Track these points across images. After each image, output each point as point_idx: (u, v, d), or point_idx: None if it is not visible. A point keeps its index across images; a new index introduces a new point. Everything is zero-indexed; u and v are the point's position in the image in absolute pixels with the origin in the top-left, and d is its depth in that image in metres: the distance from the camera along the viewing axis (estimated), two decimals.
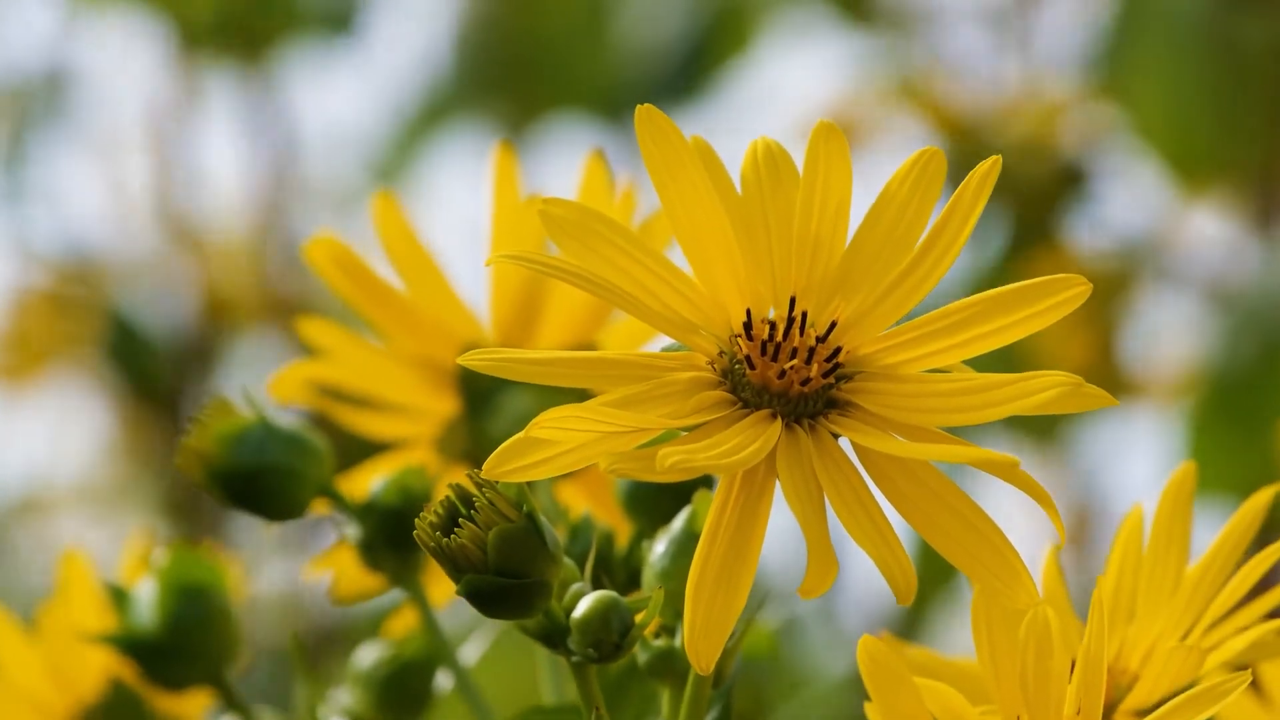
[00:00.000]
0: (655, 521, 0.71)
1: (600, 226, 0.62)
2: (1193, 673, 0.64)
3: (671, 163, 0.63)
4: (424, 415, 0.83)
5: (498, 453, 0.59)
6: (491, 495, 0.62)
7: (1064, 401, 0.59)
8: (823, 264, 0.63)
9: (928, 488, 0.60)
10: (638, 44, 2.09)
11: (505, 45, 2.13)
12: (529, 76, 2.11)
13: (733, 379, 0.61)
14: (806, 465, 0.59)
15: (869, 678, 0.63)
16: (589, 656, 0.64)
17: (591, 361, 0.61)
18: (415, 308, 0.81)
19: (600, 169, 0.80)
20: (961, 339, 0.61)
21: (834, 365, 0.61)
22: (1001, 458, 0.58)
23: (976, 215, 0.62)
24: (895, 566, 0.58)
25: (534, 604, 0.63)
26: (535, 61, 2.10)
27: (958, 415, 0.60)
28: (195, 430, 0.76)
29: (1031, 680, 0.62)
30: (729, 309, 0.62)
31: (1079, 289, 0.61)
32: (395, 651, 0.81)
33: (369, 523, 0.76)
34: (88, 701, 0.89)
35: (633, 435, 0.59)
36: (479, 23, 2.17)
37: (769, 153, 0.64)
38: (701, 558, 0.59)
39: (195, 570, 0.81)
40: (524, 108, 2.12)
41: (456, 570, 0.62)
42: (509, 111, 2.14)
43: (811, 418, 0.61)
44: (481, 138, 2.20)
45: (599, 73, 2.08)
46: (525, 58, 2.11)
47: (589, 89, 2.09)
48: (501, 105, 2.15)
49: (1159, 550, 0.70)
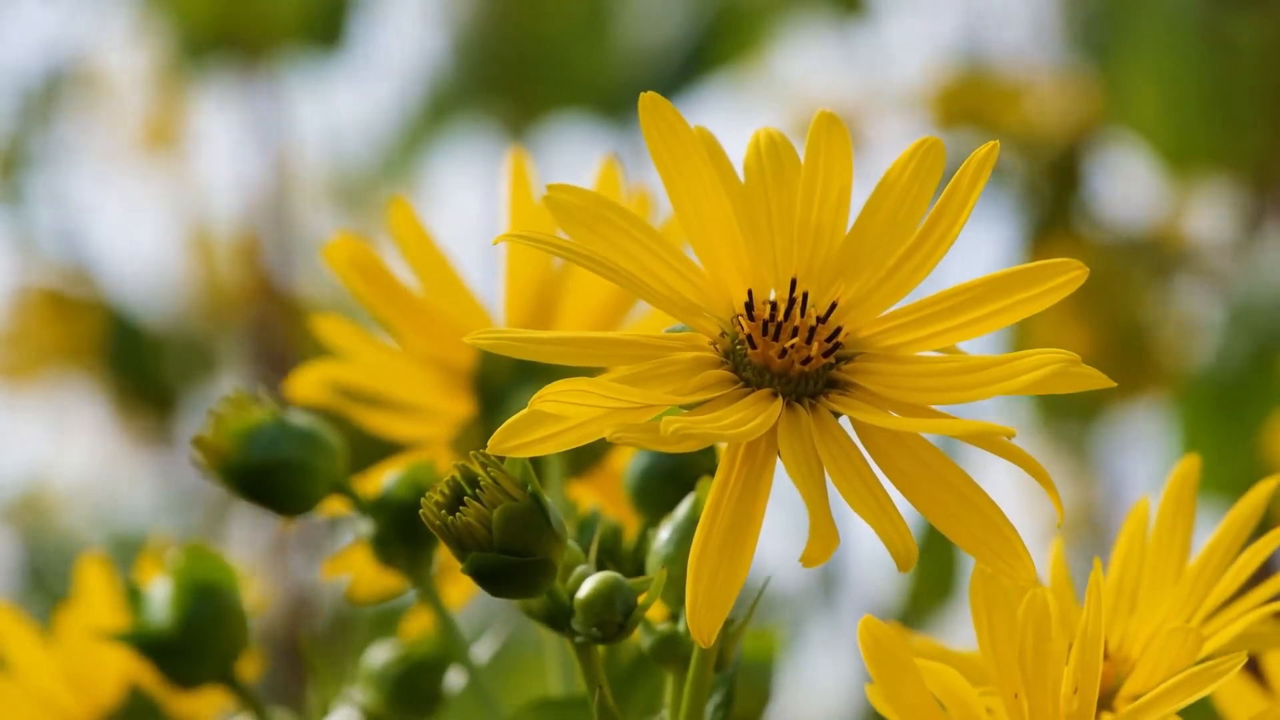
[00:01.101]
0: (662, 514, 0.72)
1: (606, 211, 0.63)
2: (1191, 656, 0.65)
3: (676, 150, 0.64)
4: (439, 416, 0.84)
5: (503, 428, 0.60)
6: (496, 474, 0.63)
7: (1057, 381, 0.60)
8: (824, 250, 0.64)
9: (927, 466, 0.61)
10: (638, 43, 2.10)
11: (506, 45, 2.14)
12: (530, 76, 2.12)
13: (735, 358, 0.62)
14: (807, 440, 0.60)
15: (871, 659, 0.64)
16: (593, 637, 0.64)
17: (597, 341, 0.62)
18: (431, 309, 0.82)
19: (613, 173, 0.81)
20: (959, 321, 0.62)
21: (834, 345, 0.62)
22: (996, 428, 0.58)
23: (974, 199, 0.63)
24: (895, 535, 0.59)
25: (538, 583, 0.64)
26: (536, 61, 2.11)
27: (953, 394, 0.61)
28: (210, 425, 0.77)
29: (1030, 661, 0.62)
30: (731, 292, 0.63)
31: (1075, 273, 0.62)
32: (407, 651, 0.82)
33: (382, 518, 0.77)
34: (105, 706, 0.90)
35: (637, 412, 0.60)
36: (479, 23, 2.17)
37: (771, 142, 0.65)
38: (704, 531, 0.60)
39: (209, 570, 0.82)
40: (525, 108, 2.13)
41: (462, 548, 0.63)
42: (510, 111, 2.15)
43: (812, 397, 0.62)
44: (483, 138, 2.21)
45: (600, 72, 2.09)
46: (526, 58, 2.12)
47: (590, 88, 2.10)
48: (502, 105, 2.16)
49: (1162, 543, 0.70)
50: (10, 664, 0.90)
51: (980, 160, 0.63)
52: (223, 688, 0.82)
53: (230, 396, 0.78)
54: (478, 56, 2.16)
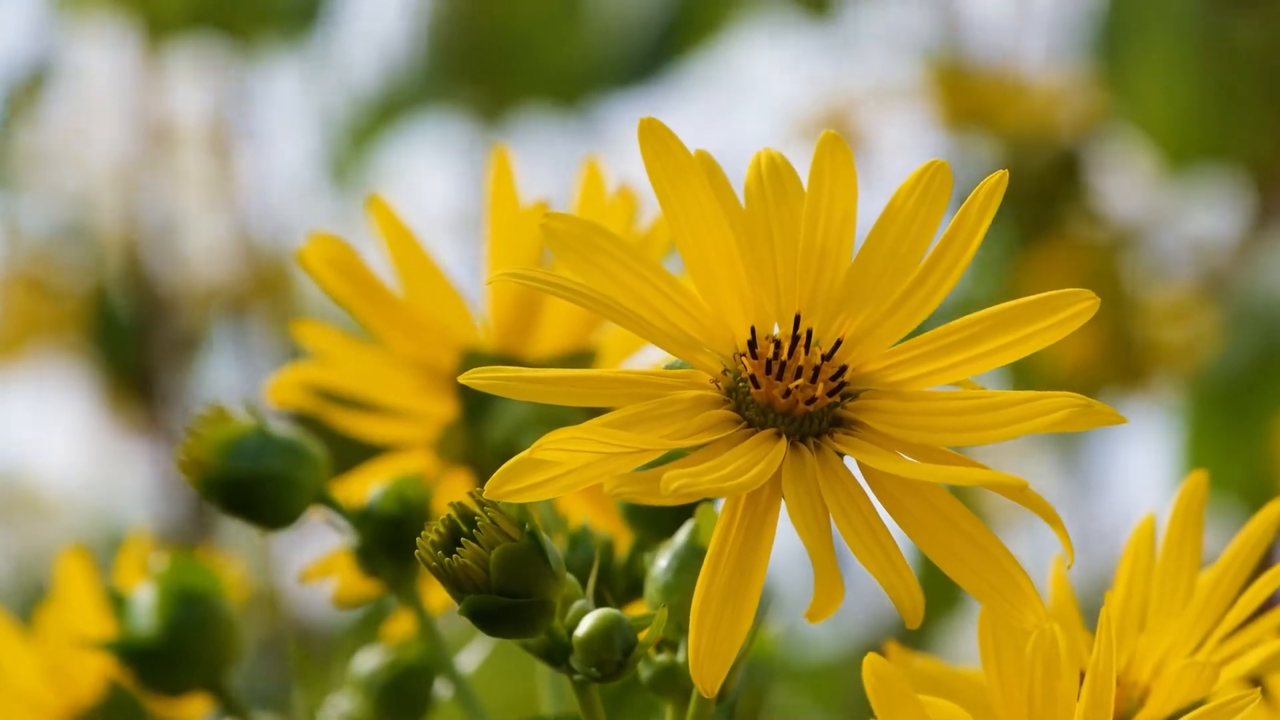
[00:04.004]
0: (656, 530, 0.71)
1: (601, 241, 0.61)
2: (1205, 689, 0.63)
3: (674, 175, 0.62)
4: (421, 418, 0.82)
5: (499, 473, 0.58)
6: (494, 514, 0.61)
7: (1074, 421, 0.58)
8: (828, 277, 0.62)
9: (934, 508, 0.59)
10: (606, 31, 2.08)
11: (474, 33, 2.12)
12: (498, 65, 2.10)
13: (737, 398, 0.60)
14: (812, 486, 0.59)
15: (874, 695, 0.62)
16: (592, 675, 0.63)
17: (593, 380, 0.60)
18: (413, 309, 0.80)
19: (597, 177, 0.79)
20: (968, 355, 0.60)
21: (839, 384, 0.60)
22: (1010, 479, 0.57)
23: (983, 230, 0.61)
24: (902, 589, 0.57)
25: (537, 623, 0.62)
26: (504, 50, 2.10)
27: (966, 435, 0.59)
28: (192, 437, 0.75)
29: (1039, 700, 0.61)
30: (733, 325, 0.61)
31: (1086, 304, 0.60)
32: (395, 657, 0.80)
33: (366, 531, 0.75)
34: (85, 703, 0.88)
35: (636, 455, 0.58)
36: (448, 11, 2.16)
37: (773, 164, 0.63)
38: (706, 580, 0.58)
39: (194, 576, 0.80)
40: (494, 96, 2.11)
41: (459, 590, 0.62)
42: (479, 99, 2.13)
43: (817, 436, 0.60)
44: (452, 125, 2.20)
45: (568, 60, 2.07)
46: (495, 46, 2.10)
47: (558, 76, 2.08)
48: (471, 93, 2.14)
49: (1170, 560, 0.69)
50: None
51: (989, 190, 0.61)
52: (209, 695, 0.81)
53: (211, 407, 0.76)
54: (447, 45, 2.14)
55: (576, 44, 2.07)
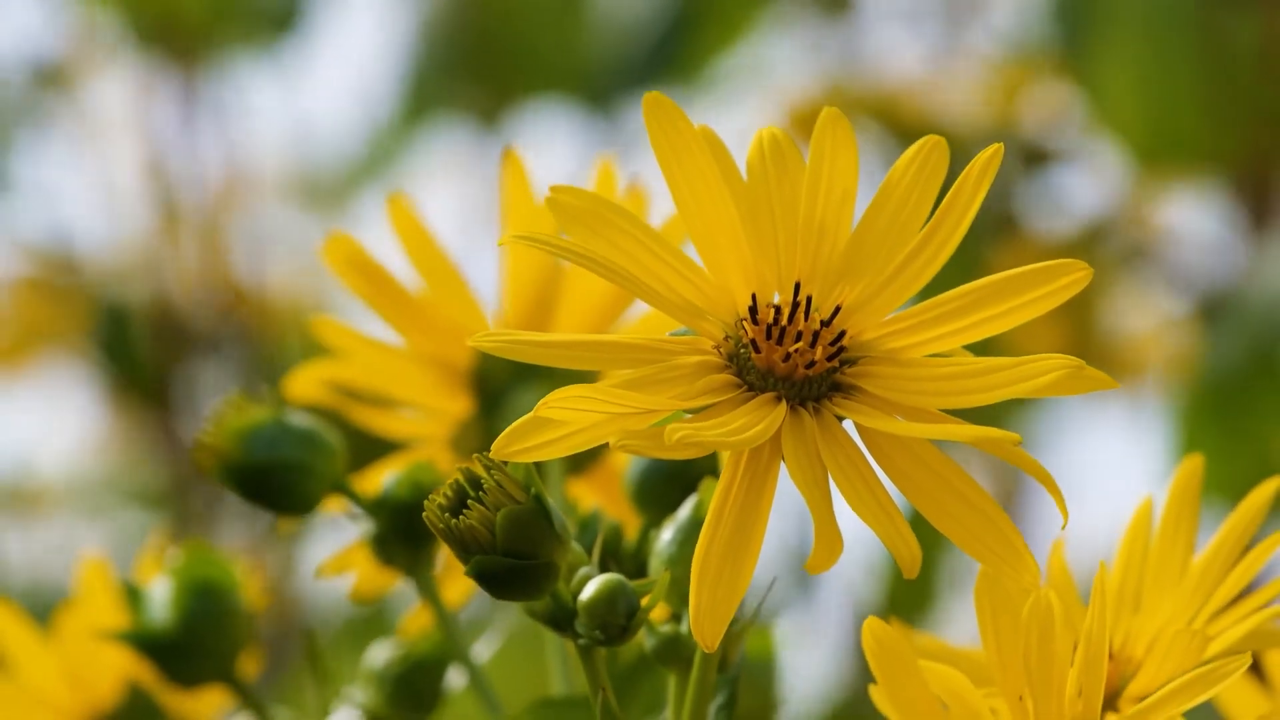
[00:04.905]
0: (663, 514, 0.72)
1: (608, 213, 0.63)
2: (1195, 658, 0.65)
3: (679, 150, 0.63)
4: (438, 415, 0.83)
5: (507, 433, 0.60)
6: (500, 477, 0.63)
7: (1065, 384, 0.60)
8: (827, 250, 0.64)
9: (931, 469, 0.61)
10: (613, 26, 2.08)
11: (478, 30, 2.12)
12: (503, 62, 2.10)
13: (738, 362, 0.62)
14: (811, 445, 0.60)
15: (875, 660, 0.64)
16: (596, 639, 0.64)
17: (599, 345, 0.61)
18: (430, 307, 0.82)
19: (610, 173, 0.81)
20: (963, 324, 0.62)
21: (838, 349, 0.62)
22: (1002, 435, 0.58)
23: (978, 203, 0.63)
24: (899, 540, 0.58)
25: (541, 585, 0.63)
26: (509, 46, 2.09)
27: (959, 398, 0.61)
28: (210, 426, 0.77)
29: (1034, 662, 0.62)
30: (735, 294, 0.63)
31: (1079, 274, 0.61)
32: (407, 650, 0.82)
33: (381, 517, 0.77)
34: (104, 705, 0.90)
35: (641, 416, 0.60)
36: (450, 8, 2.16)
37: (775, 141, 0.65)
38: (707, 537, 0.60)
39: (209, 569, 0.82)
40: (499, 94, 2.11)
41: (465, 551, 0.63)
42: (484, 98, 2.13)
43: (816, 401, 0.62)
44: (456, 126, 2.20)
45: (575, 56, 2.07)
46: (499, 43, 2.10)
47: (564, 73, 2.08)
48: (476, 92, 2.14)
49: (1165, 542, 0.70)
50: (10, 662, 0.90)
51: (984, 164, 0.62)
52: (224, 687, 0.82)
53: (231, 396, 0.77)
54: (450, 43, 2.14)
55: (582, 38, 2.07)
